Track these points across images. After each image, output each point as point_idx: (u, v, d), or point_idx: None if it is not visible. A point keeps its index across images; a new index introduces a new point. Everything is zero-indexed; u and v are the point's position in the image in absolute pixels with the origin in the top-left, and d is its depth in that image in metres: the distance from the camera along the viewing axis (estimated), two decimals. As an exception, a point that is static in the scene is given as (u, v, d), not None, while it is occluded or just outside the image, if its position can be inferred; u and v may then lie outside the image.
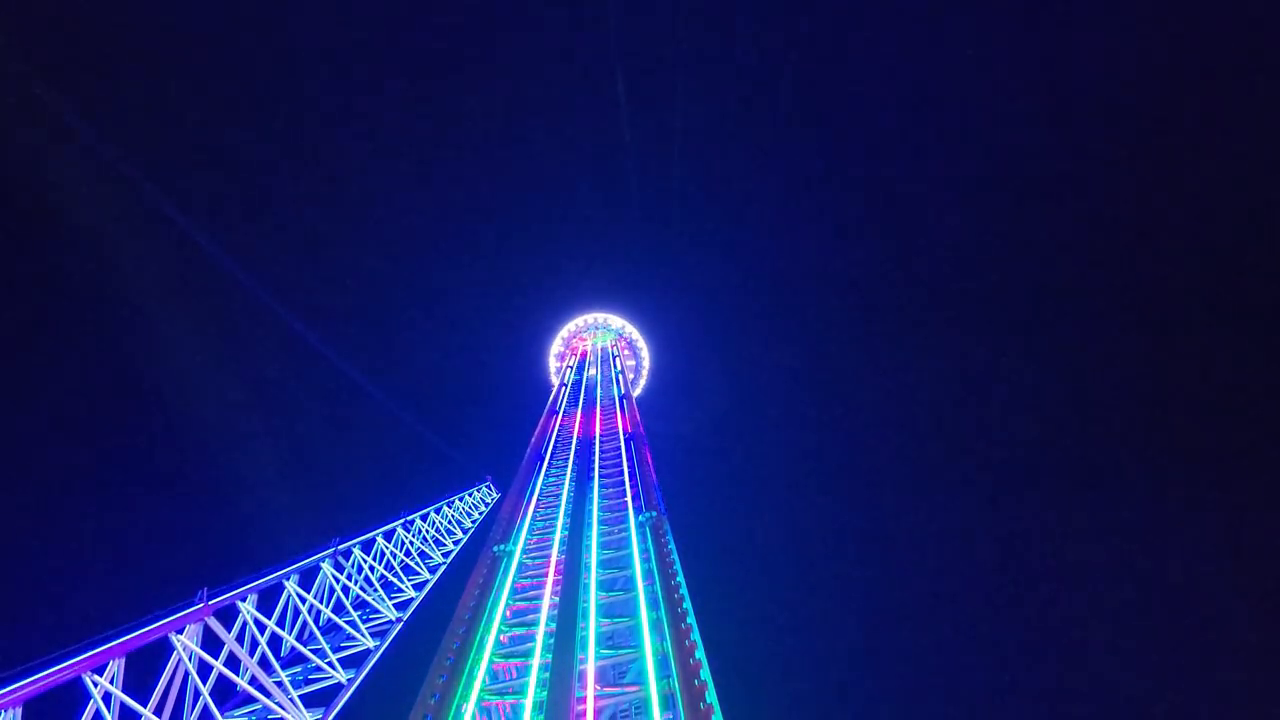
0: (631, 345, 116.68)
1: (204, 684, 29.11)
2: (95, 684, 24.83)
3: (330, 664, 36.39)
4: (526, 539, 39.77)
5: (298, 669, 36.08)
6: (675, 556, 33.90)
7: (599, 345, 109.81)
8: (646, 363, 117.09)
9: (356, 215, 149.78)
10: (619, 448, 55.14)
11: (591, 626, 28.40)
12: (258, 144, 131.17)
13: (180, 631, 28.97)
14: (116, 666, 25.98)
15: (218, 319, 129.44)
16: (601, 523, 40.16)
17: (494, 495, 75.73)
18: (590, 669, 25.29)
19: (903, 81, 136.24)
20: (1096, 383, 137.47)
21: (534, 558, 37.72)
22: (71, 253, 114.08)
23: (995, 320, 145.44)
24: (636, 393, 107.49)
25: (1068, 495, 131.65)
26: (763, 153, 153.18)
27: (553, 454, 57.52)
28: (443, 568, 53.86)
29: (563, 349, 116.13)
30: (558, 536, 38.89)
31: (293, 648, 36.19)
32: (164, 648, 28.58)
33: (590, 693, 23.95)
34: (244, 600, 33.52)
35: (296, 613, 37.76)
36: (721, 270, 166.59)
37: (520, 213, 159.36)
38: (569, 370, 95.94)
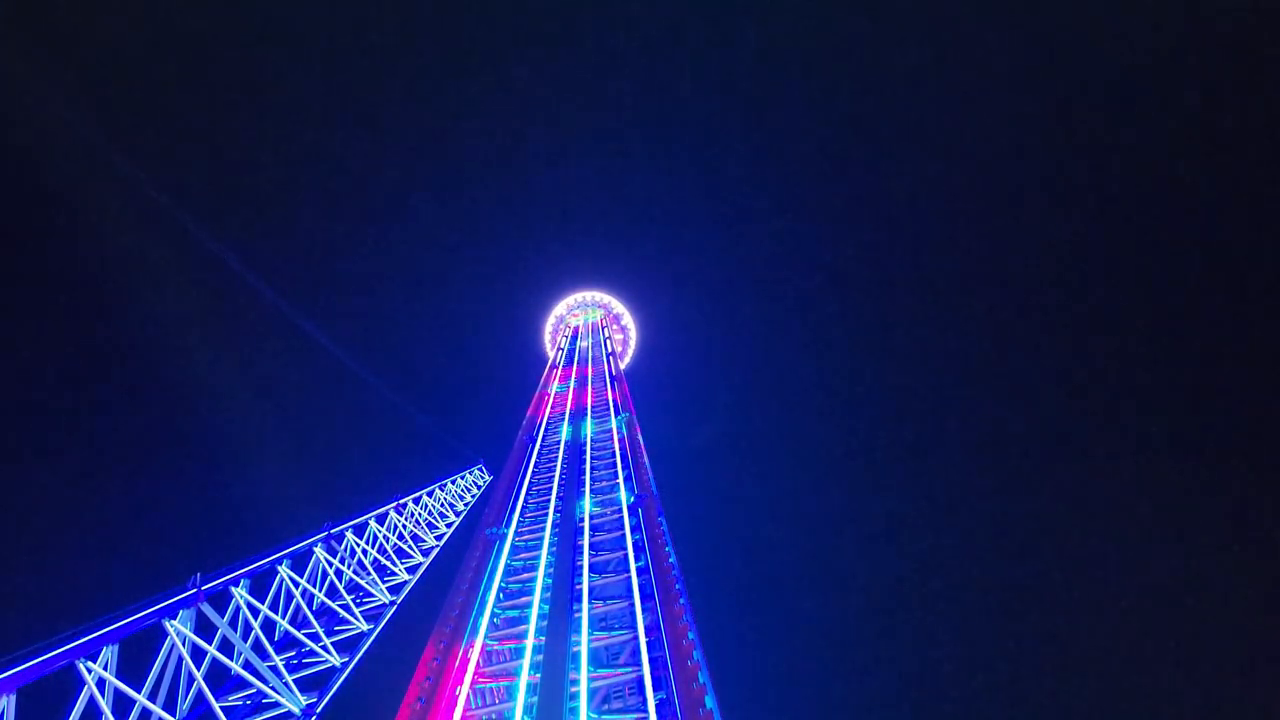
0: (619, 320, 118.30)
1: (198, 669, 29.14)
2: (89, 670, 24.82)
3: (324, 647, 36.49)
4: (519, 522, 39.87)
5: (292, 653, 36.17)
6: (668, 538, 34.02)
7: (590, 321, 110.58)
8: (633, 335, 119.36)
9: (351, 201, 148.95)
10: (611, 429, 55.19)
11: (585, 609, 28.55)
12: (251, 131, 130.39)
13: (174, 617, 28.95)
14: (110, 653, 25.96)
15: (211, 307, 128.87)
16: (594, 504, 40.27)
17: (487, 478, 75.78)
18: (584, 650, 25.43)
19: (905, 72, 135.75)
20: (1099, 375, 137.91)
21: (527, 540, 37.84)
22: (68, 241, 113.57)
23: (996, 309, 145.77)
24: (624, 364, 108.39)
25: (1071, 486, 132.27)
26: (759, 141, 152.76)
27: (545, 436, 57.54)
28: (435, 551, 53.94)
29: (556, 325, 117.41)
30: (550, 519, 38.99)
31: (286, 632, 36.24)
32: (158, 633, 28.59)
33: (584, 674, 24.09)
34: (237, 585, 33.48)
35: (290, 597, 37.77)
36: (710, 249, 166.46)
37: (515, 196, 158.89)
38: (560, 352, 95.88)
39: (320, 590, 40.34)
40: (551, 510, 40.33)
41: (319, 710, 32.70)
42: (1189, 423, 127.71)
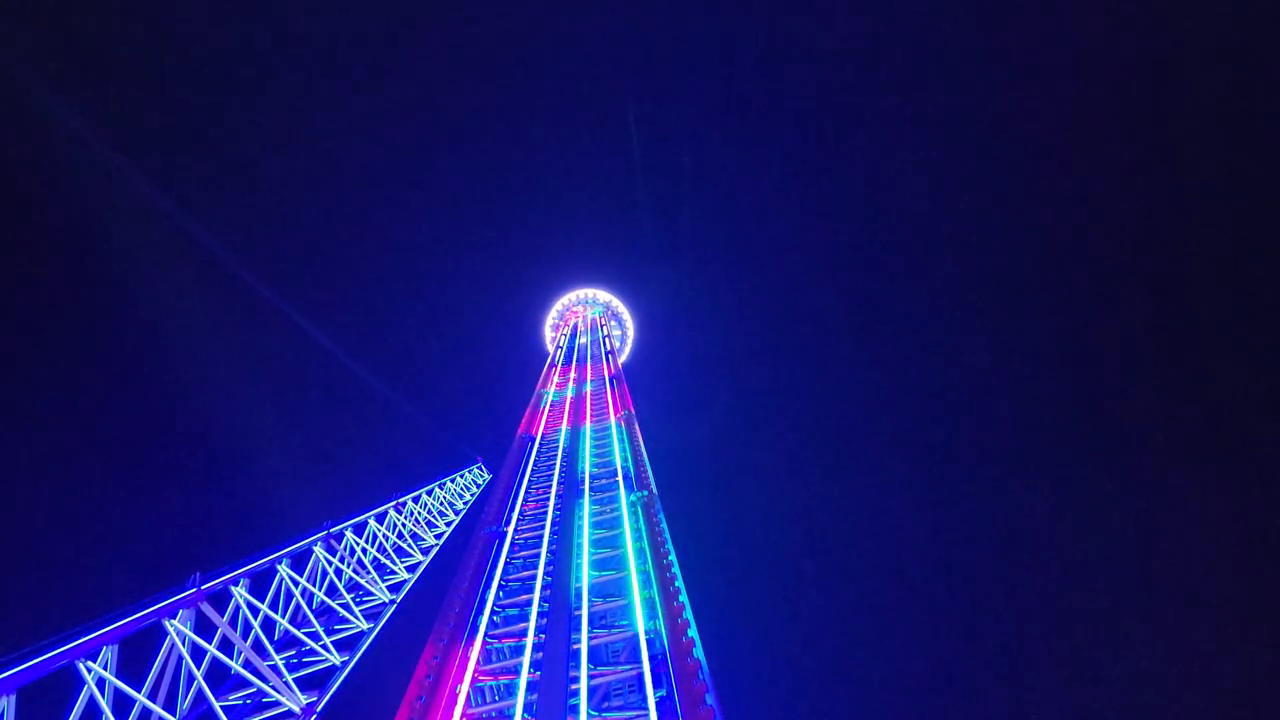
0: (617, 317, 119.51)
1: (198, 669, 29.15)
2: (89, 670, 24.82)
3: (324, 646, 36.48)
4: (518, 520, 39.88)
5: (291, 652, 36.16)
6: (667, 535, 34.06)
7: (589, 318, 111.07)
8: (631, 332, 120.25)
9: (349, 198, 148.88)
10: (609, 426, 55.21)
11: (584, 606, 28.59)
12: (251, 128, 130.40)
13: (173, 616, 28.94)
14: (110, 653, 25.95)
15: (211, 304, 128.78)
16: (593, 502, 40.29)
17: (485, 477, 75.78)
18: (584, 648, 25.47)
19: (905, 75, 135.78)
20: (1096, 374, 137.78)
21: (526, 538, 37.86)
22: (66, 239, 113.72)
23: (993, 307, 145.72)
24: (623, 359, 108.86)
25: (1067, 486, 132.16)
26: (761, 139, 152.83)
27: (544, 434, 57.55)
28: (435, 549, 53.94)
29: (556, 322, 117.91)
30: (549, 517, 39.01)
31: (286, 631, 36.25)
32: (158, 633, 28.58)
33: (584, 672, 24.13)
34: (237, 584, 33.47)
35: (290, 596, 37.76)
36: (710, 248, 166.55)
37: (516, 196, 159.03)
38: (559, 349, 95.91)
39: (320, 589, 40.34)
40: (551, 508, 40.35)
41: (319, 709, 32.69)
42: (1188, 422, 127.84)
